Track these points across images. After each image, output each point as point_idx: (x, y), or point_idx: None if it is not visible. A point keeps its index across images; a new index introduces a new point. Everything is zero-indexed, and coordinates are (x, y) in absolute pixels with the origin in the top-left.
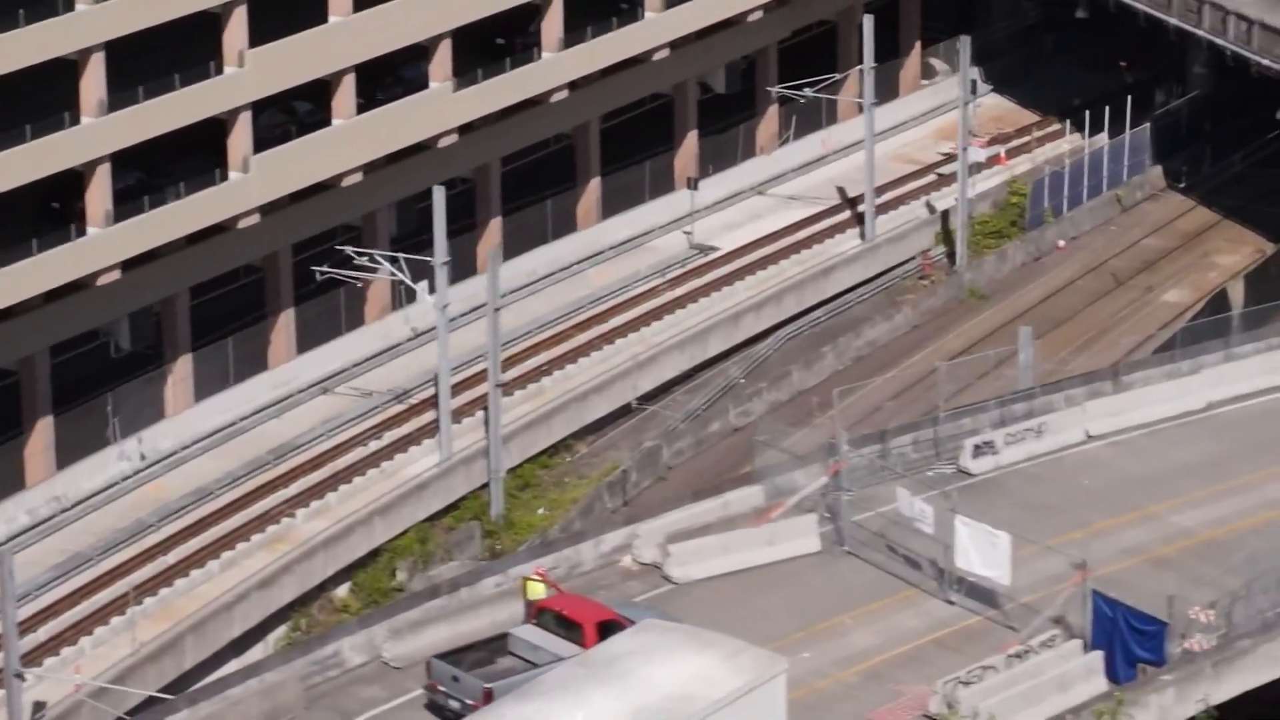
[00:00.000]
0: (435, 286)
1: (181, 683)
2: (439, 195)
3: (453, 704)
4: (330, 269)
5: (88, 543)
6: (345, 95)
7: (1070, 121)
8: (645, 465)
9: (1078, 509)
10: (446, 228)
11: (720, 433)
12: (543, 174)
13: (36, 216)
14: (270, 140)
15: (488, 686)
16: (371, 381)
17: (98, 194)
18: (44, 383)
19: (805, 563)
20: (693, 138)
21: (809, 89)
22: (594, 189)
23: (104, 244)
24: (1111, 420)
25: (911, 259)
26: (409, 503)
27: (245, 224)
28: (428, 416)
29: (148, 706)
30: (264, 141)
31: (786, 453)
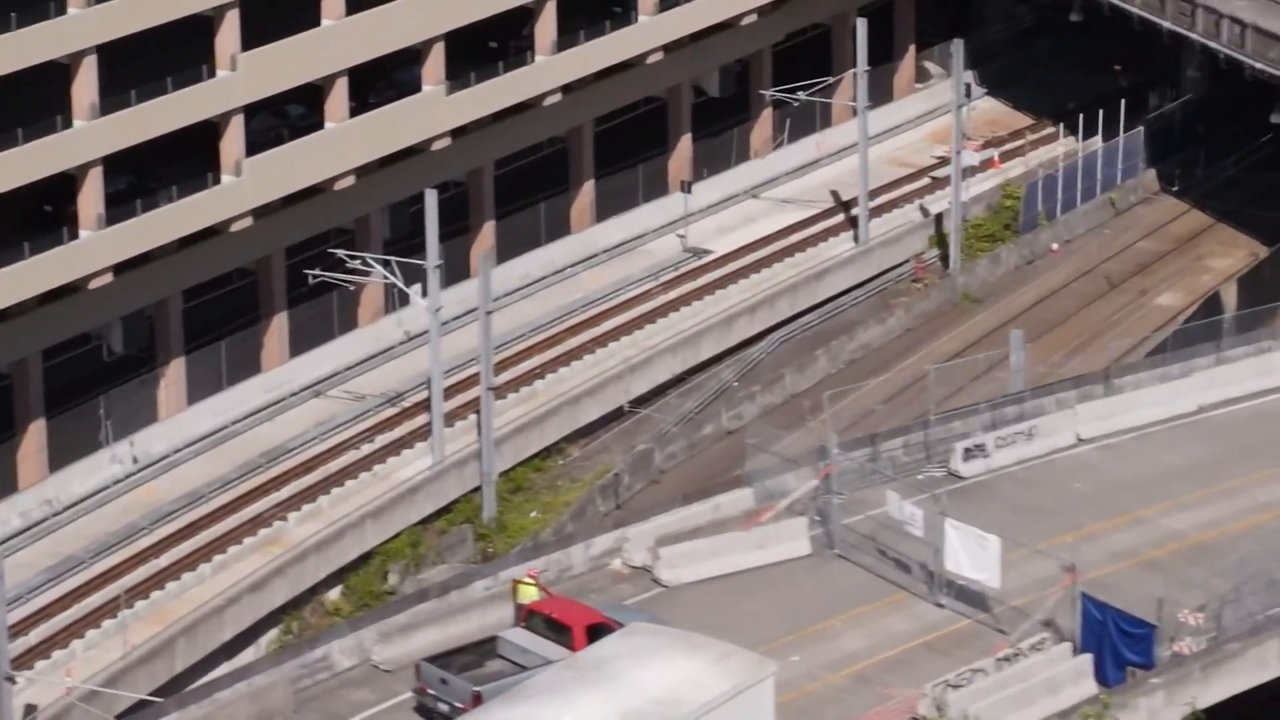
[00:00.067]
0: (428, 290)
1: (173, 686)
2: (431, 199)
3: (441, 707)
4: (323, 272)
5: (80, 546)
6: (338, 98)
7: (1064, 125)
8: (638, 468)
9: (1068, 512)
10: (440, 231)
11: (713, 436)
12: (536, 177)
13: (29, 219)
14: (263, 143)
15: (476, 689)
16: (364, 385)
17: (90, 197)
18: (36, 385)
19: (795, 566)
20: (686, 141)
21: (803, 92)
22: (587, 192)
23: (96, 247)
24: (1102, 423)
25: (905, 262)
26: (401, 506)
27: (238, 227)
28: (420, 420)
29: (138, 710)
30: (256, 145)
31: (777, 456)
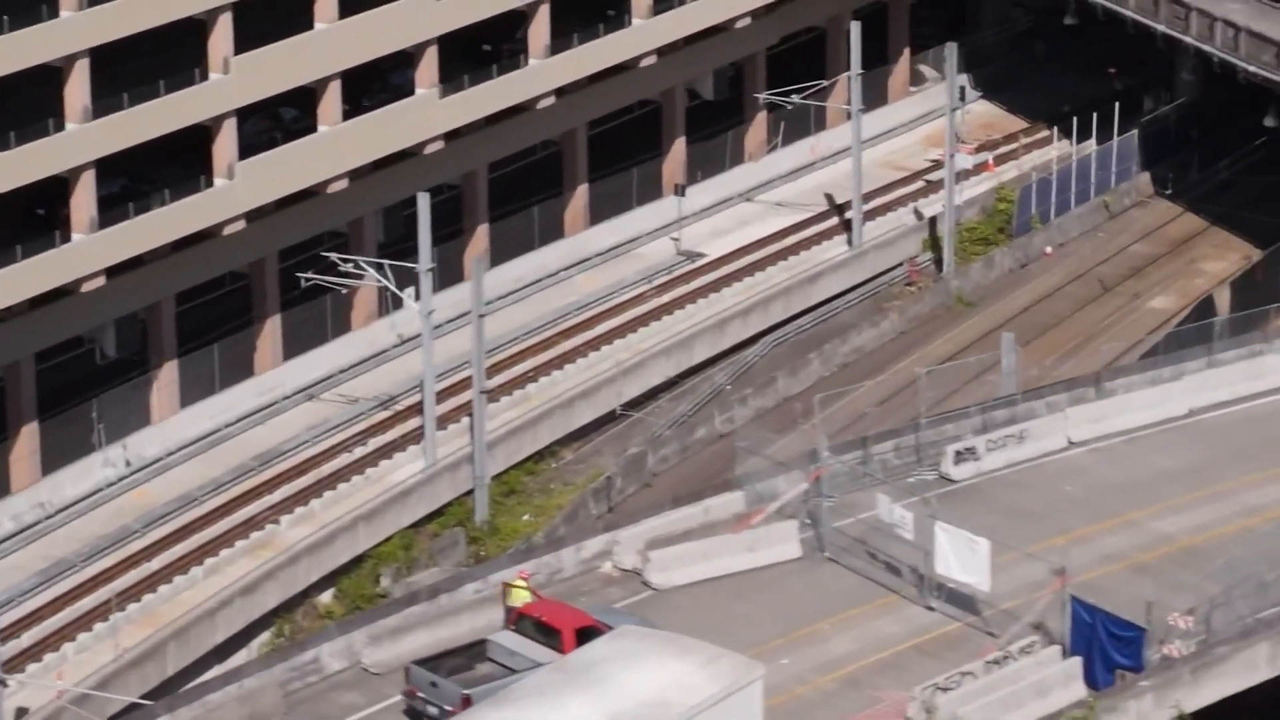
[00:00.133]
0: (420, 293)
1: (164, 689)
2: (423, 202)
3: (431, 710)
4: (316, 276)
5: (72, 549)
6: (331, 102)
7: (1059, 128)
8: (630, 471)
9: (1059, 515)
10: (434, 234)
11: (706, 439)
12: (530, 180)
13: (21, 223)
14: (256, 147)
15: (466, 692)
16: (357, 388)
17: (83, 200)
18: (29, 389)
19: (786, 569)
20: (680, 144)
21: (797, 96)
22: (581, 195)
23: (89, 250)
24: (1093, 426)
25: (899, 265)
26: (393, 509)
27: (231, 230)
28: (413, 423)
29: (129, 712)
30: (250, 148)
31: (768, 459)
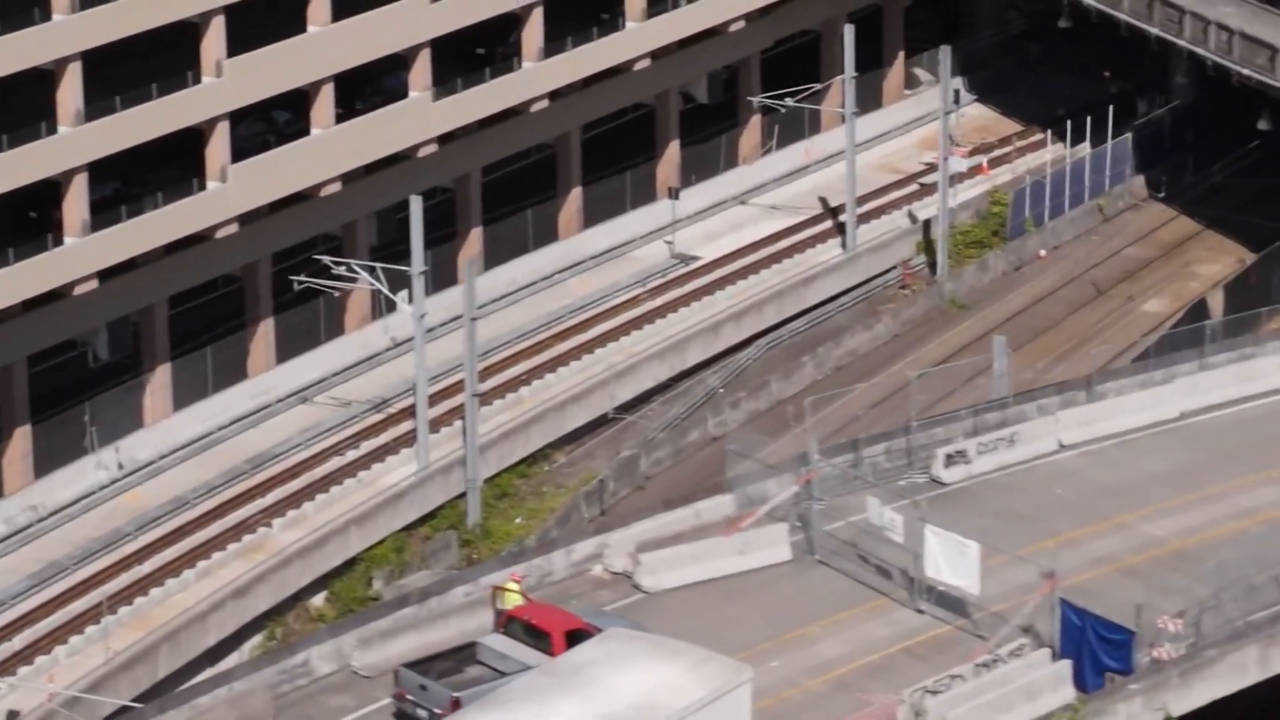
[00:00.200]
0: (413, 296)
1: (156, 692)
2: (416, 205)
3: (420, 713)
4: (308, 279)
5: (64, 552)
6: (324, 105)
7: (1053, 131)
8: (623, 475)
9: (1049, 518)
10: (427, 237)
11: (699, 442)
12: (523, 183)
13: (14, 226)
14: (249, 150)
15: (455, 695)
16: (350, 391)
17: (75, 203)
18: (21, 392)
19: (776, 572)
20: (674, 147)
21: (791, 99)
22: (575, 199)
23: (81, 253)
24: (1084, 430)
25: (892, 268)
26: (386, 512)
27: (223, 233)
28: (406, 426)
29: (120, 715)
30: (242, 151)
31: (759, 462)
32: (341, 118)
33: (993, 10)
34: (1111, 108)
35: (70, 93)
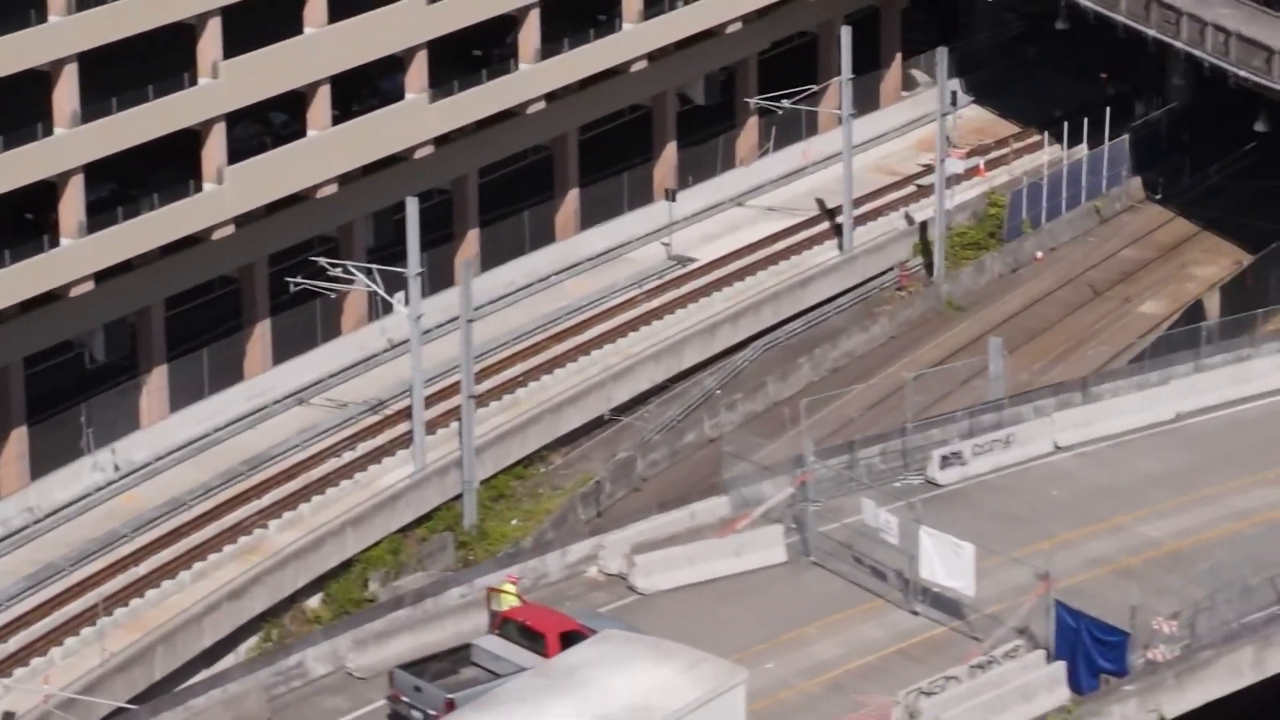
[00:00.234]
0: (409, 298)
1: (151, 693)
2: (412, 206)
3: (415, 714)
4: (305, 280)
5: (60, 553)
6: (321, 106)
7: (1050, 132)
8: (619, 476)
9: (1045, 520)
10: (424, 239)
11: (695, 444)
12: (520, 185)
13: (10, 227)
14: (245, 151)
15: (450, 697)
16: (347, 393)
17: (71, 205)
18: (18, 393)
19: (771, 573)
20: (671, 149)
21: (788, 100)
22: (572, 200)
23: (78, 255)
24: (1080, 431)
25: (889, 270)
26: (382, 513)
27: (220, 235)
28: (402, 427)
29: (115, 717)
30: (239, 153)
31: (754, 464)
32: (338, 119)
33: (990, 12)
34: (1109, 109)
35: (66, 94)
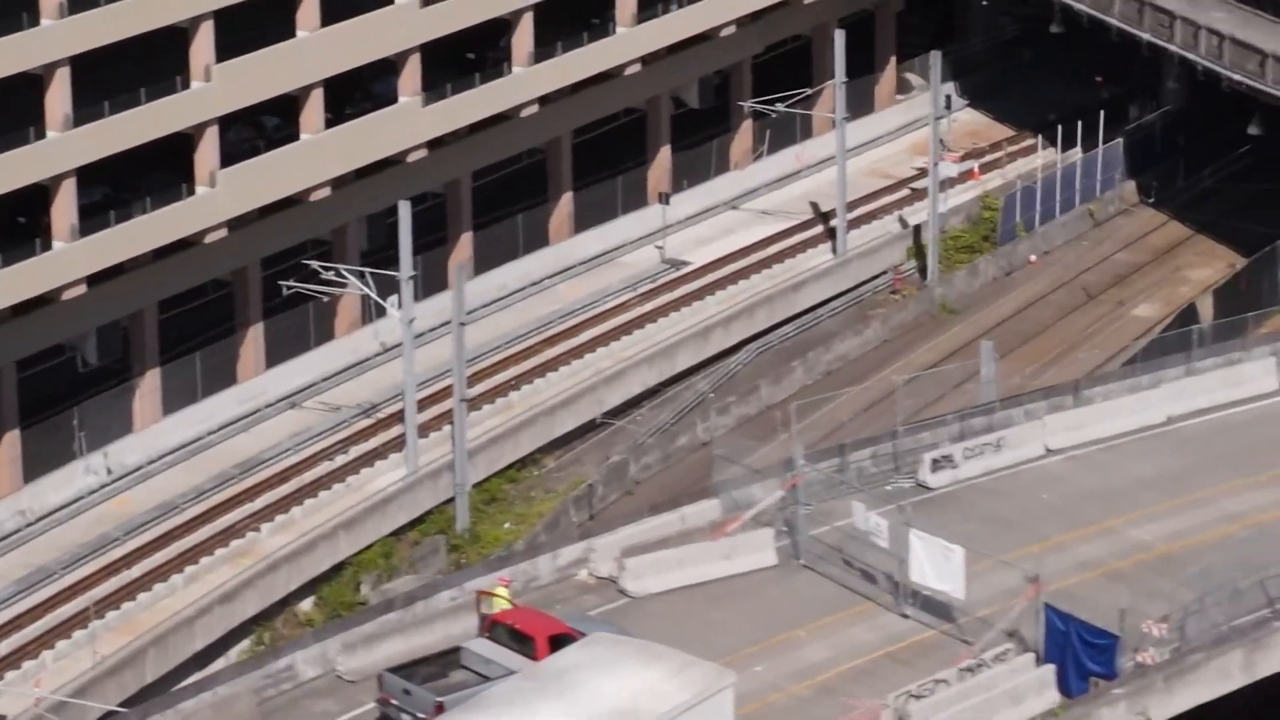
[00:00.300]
0: (402, 301)
1: (142, 697)
2: (404, 210)
3: (404, 717)
4: (298, 284)
5: (52, 556)
6: (313, 110)
7: (1044, 136)
8: (612, 479)
9: (1035, 523)
10: (417, 242)
11: (688, 447)
12: (514, 188)
13: (2, 230)
14: (238, 155)
15: (439, 700)
16: (340, 396)
17: (63, 208)
18: (10, 396)
19: (761, 577)
20: (665, 152)
21: (782, 104)
22: (566, 204)
23: (70, 258)
24: (1071, 434)
25: (883, 273)
26: (374, 517)
27: (213, 238)
28: (395, 431)
29: None
30: (231, 156)
31: (745, 467)
32: (331, 123)
33: (984, 16)
34: (1103, 113)
35: (59, 97)
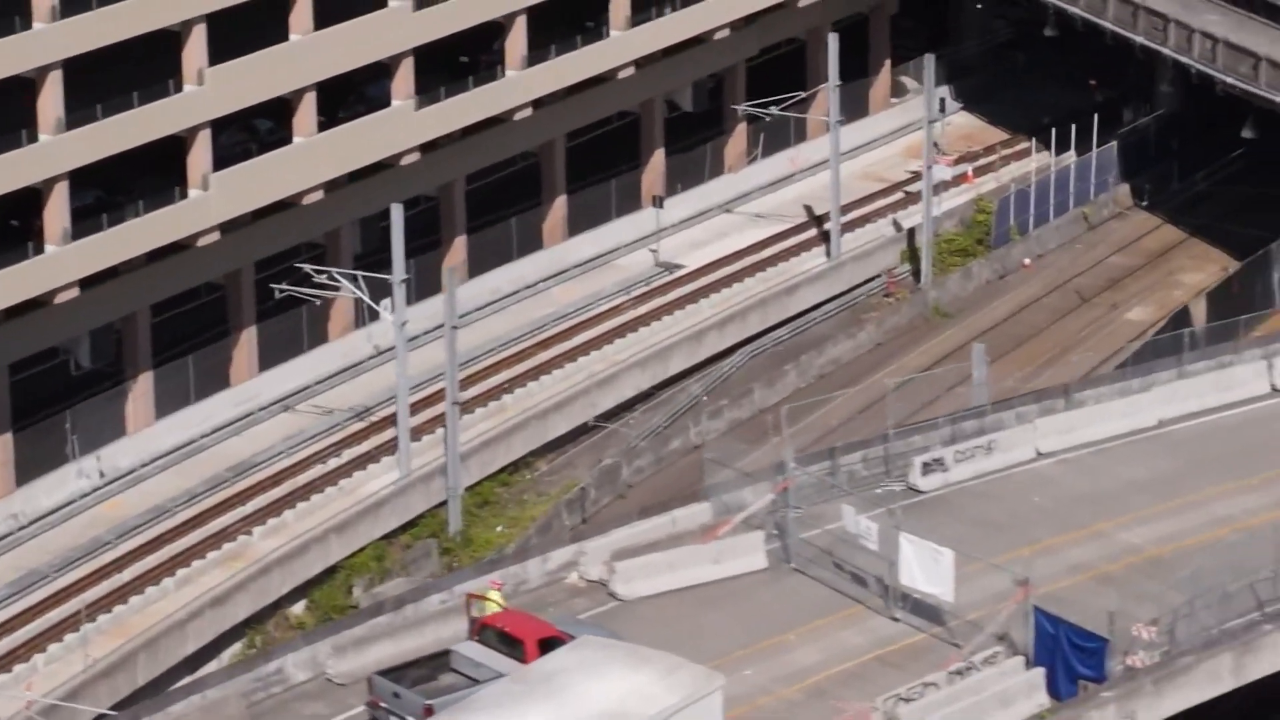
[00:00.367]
0: (395, 304)
1: (134, 700)
2: (397, 213)
3: None
4: (290, 287)
5: (44, 560)
6: (306, 113)
7: (1038, 139)
8: (605, 483)
9: (1026, 526)
10: (410, 246)
11: (681, 450)
12: (507, 192)
13: None
14: (231, 158)
15: (428, 703)
16: (333, 399)
17: (56, 212)
18: (3, 399)
19: (751, 580)
20: (659, 155)
21: (777, 107)
22: (560, 207)
23: (62, 261)
24: (1062, 437)
25: (877, 277)
26: (366, 520)
27: (206, 242)
28: (388, 434)
29: None
30: (224, 159)
31: (736, 470)
32: (324, 126)
33: (979, 19)
34: (1096, 116)
35: (51, 100)
